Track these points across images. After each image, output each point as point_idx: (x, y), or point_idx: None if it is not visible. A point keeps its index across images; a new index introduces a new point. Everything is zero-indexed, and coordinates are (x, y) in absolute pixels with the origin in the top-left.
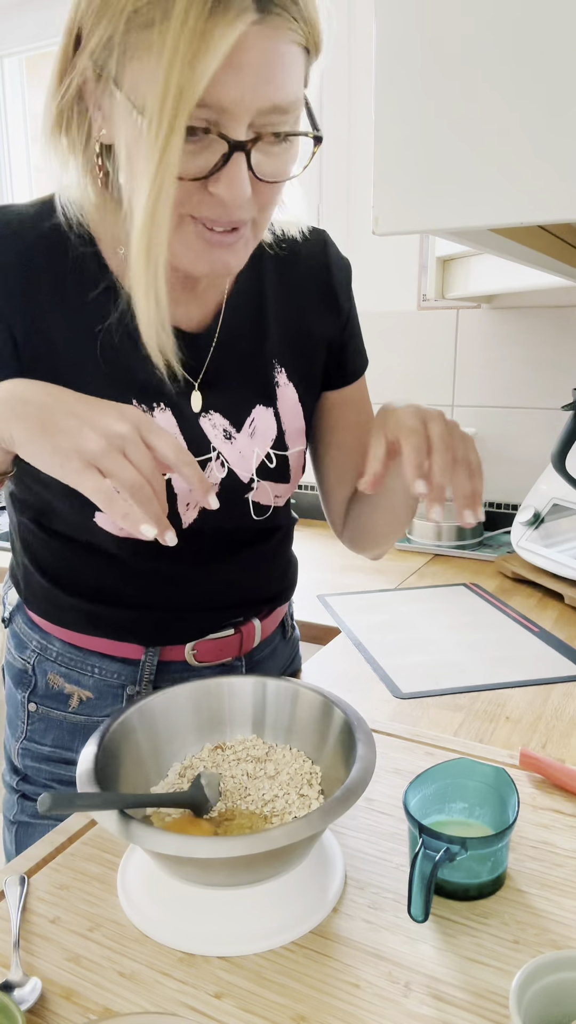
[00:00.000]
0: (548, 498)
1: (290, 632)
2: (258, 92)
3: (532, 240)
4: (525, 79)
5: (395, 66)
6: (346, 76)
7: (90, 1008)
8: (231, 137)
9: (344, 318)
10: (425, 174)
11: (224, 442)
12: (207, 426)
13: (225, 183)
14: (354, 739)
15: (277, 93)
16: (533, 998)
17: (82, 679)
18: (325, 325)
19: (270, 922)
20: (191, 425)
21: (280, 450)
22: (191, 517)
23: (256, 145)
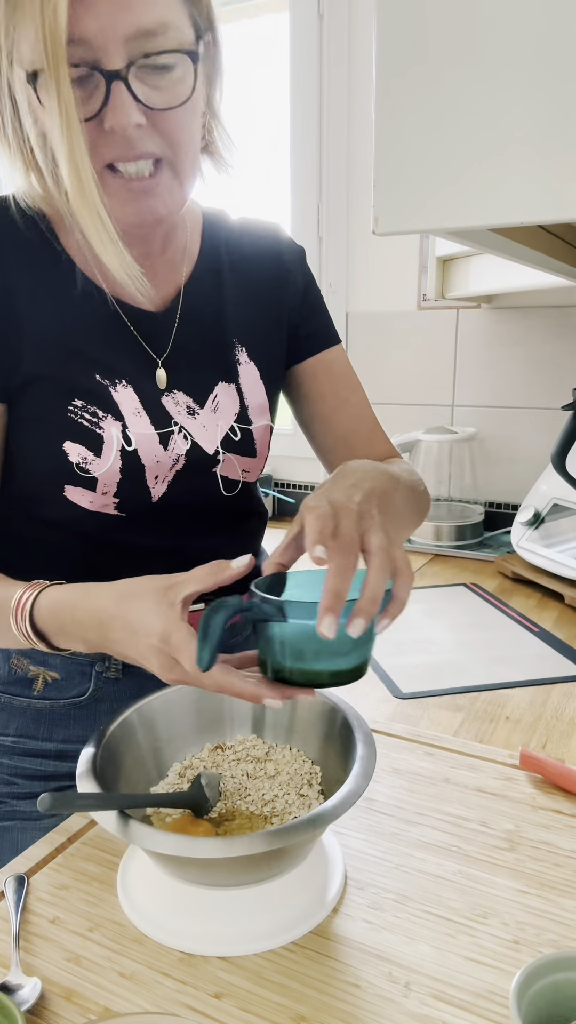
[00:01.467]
0: (548, 498)
1: None
2: (117, 18)
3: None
4: (525, 79)
5: (395, 66)
6: (346, 76)
7: (90, 1008)
8: (105, 68)
9: (299, 295)
10: (425, 174)
11: (188, 418)
12: (169, 404)
13: (111, 113)
14: (354, 739)
15: (138, 17)
16: (533, 998)
17: (49, 658)
18: (281, 304)
19: (270, 922)
20: (153, 402)
21: (244, 424)
22: (160, 491)
23: (134, 73)
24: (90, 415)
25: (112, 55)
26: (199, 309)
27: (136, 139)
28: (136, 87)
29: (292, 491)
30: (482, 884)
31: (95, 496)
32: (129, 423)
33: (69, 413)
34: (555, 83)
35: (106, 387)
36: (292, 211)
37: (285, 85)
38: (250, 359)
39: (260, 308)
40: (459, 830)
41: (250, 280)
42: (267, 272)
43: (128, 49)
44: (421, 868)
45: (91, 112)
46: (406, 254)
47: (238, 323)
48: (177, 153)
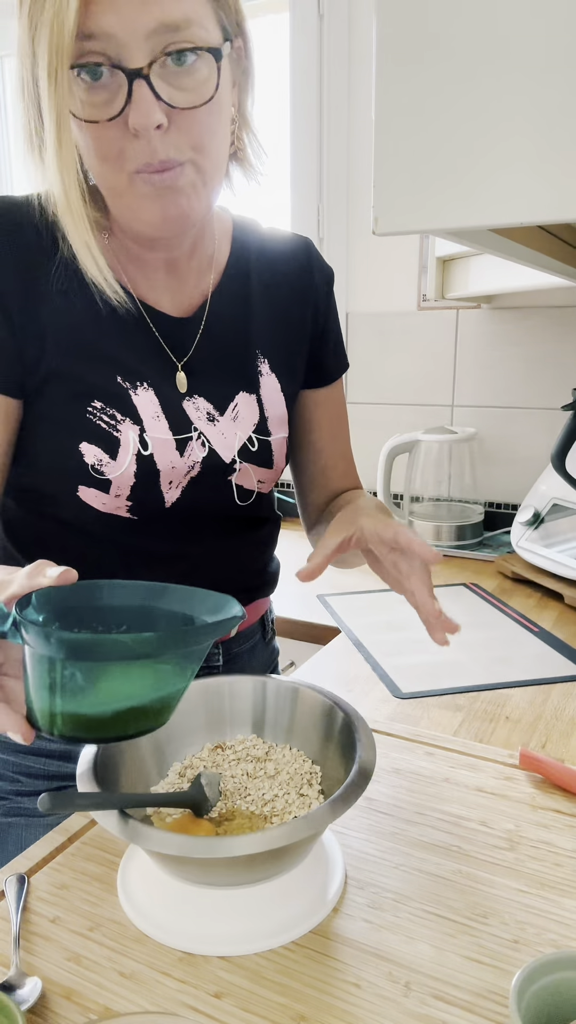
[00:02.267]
0: (548, 498)
1: (270, 635)
2: (138, 13)
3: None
4: (525, 79)
5: (395, 66)
6: (346, 76)
7: (90, 1008)
8: (126, 66)
9: (323, 320)
10: (425, 174)
11: (207, 424)
12: (190, 409)
13: (133, 111)
14: (354, 739)
15: (160, 11)
16: (533, 998)
17: None
18: (305, 324)
19: (270, 922)
20: (173, 406)
21: (263, 435)
22: (174, 496)
23: (156, 71)
24: (108, 417)
25: (134, 52)
26: (224, 317)
27: (159, 143)
28: (158, 86)
29: (291, 491)
30: (482, 884)
31: (108, 498)
32: (147, 427)
33: (87, 414)
34: (555, 83)
35: (126, 390)
36: (292, 211)
37: (285, 85)
38: (271, 371)
39: (285, 323)
40: (459, 830)
41: (277, 294)
42: (295, 289)
43: (150, 45)
44: (421, 868)
45: (114, 112)
46: (406, 254)
47: (262, 334)
48: (201, 154)
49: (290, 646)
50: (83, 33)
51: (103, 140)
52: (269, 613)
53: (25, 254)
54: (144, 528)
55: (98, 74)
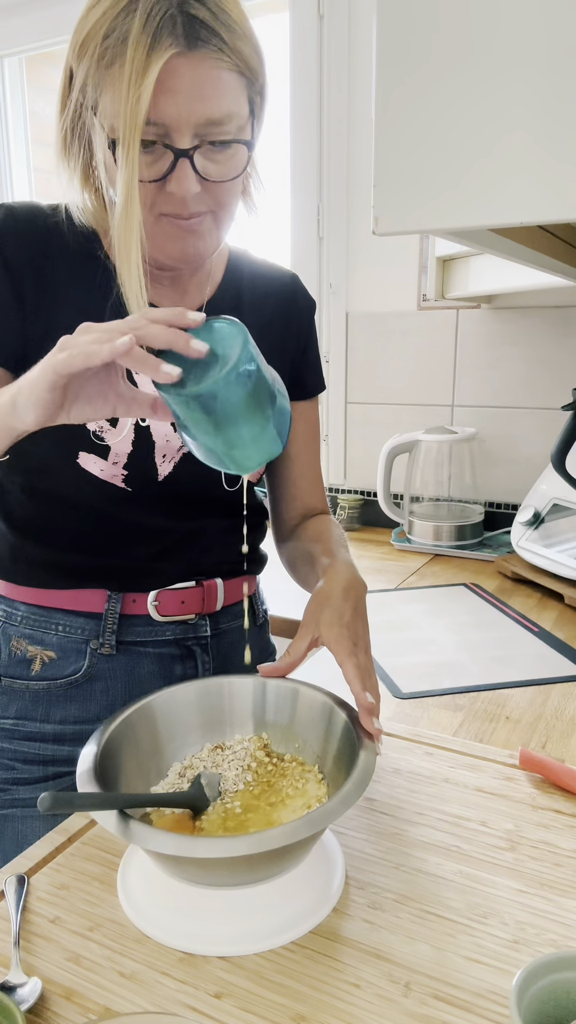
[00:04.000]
0: (548, 498)
1: (261, 620)
2: (192, 109)
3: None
4: (525, 80)
5: (395, 66)
6: (346, 76)
7: (90, 1008)
8: (175, 146)
9: (304, 340)
10: (425, 174)
11: None
12: None
13: (175, 183)
14: (354, 739)
15: (210, 108)
16: (533, 998)
17: (46, 638)
18: (288, 341)
19: (270, 922)
20: None
21: None
22: (167, 470)
23: (198, 152)
24: None
25: (184, 136)
26: None
27: (190, 202)
28: (198, 162)
29: None
30: (482, 884)
31: (106, 465)
32: None
33: None
34: (555, 83)
35: (128, 371)
36: (292, 211)
37: (285, 85)
38: None
39: (270, 336)
40: (459, 830)
41: (263, 312)
42: (279, 311)
43: (197, 132)
44: (421, 868)
45: (157, 176)
46: (406, 254)
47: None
48: (221, 209)
49: None
50: (147, 119)
51: (144, 191)
52: (259, 596)
53: (48, 255)
54: (136, 500)
55: (149, 145)
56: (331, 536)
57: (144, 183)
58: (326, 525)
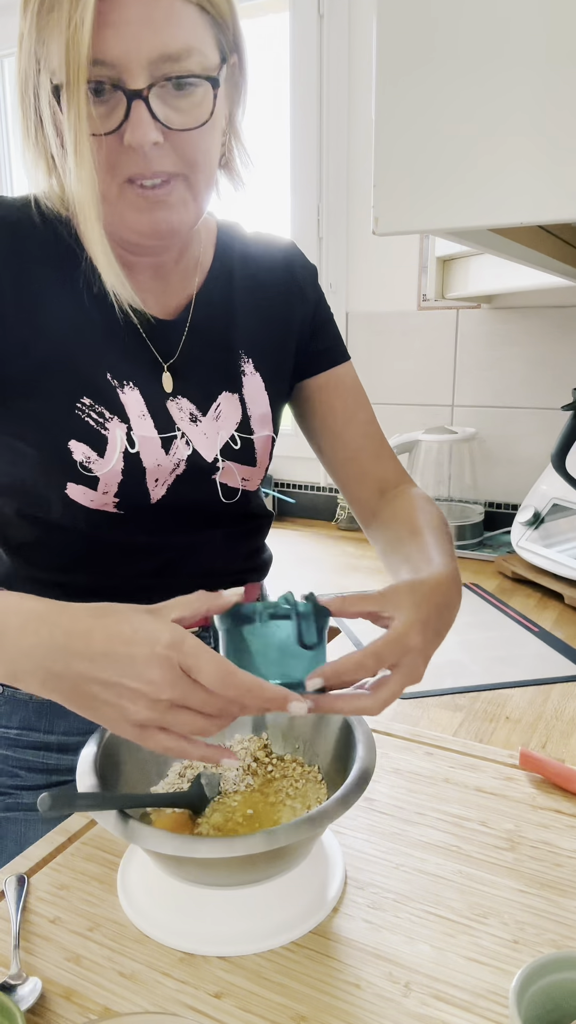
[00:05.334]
0: (548, 498)
1: None
2: (142, 42)
3: (532, 240)
4: (525, 79)
5: (395, 66)
6: (346, 76)
7: (90, 1008)
8: (127, 87)
9: (311, 308)
10: (425, 174)
11: (189, 424)
12: (173, 409)
13: (130, 130)
14: (354, 739)
15: (164, 41)
16: (533, 998)
17: None
18: (291, 319)
19: (270, 922)
20: (159, 406)
21: (245, 433)
22: (159, 493)
23: (155, 93)
24: (97, 415)
25: (135, 75)
26: (208, 318)
27: (153, 157)
28: (156, 107)
29: (292, 491)
30: (482, 884)
31: (96, 495)
32: (134, 425)
33: (76, 411)
34: (555, 83)
35: (114, 388)
36: (292, 211)
37: (285, 85)
38: (256, 370)
39: (269, 321)
40: (459, 830)
41: (261, 293)
42: (278, 287)
43: (151, 71)
44: (421, 868)
45: (111, 127)
46: (406, 254)
47: (246, 334)
48: (193, 170)
49: None
50: (92, 58)
51: (99, 150)
52: (264, 599)
53: (20, 253)
54: (130, 522)
55: (101, 91)
56: (424, 525)
57: (99, 138)
58: (411, 504)
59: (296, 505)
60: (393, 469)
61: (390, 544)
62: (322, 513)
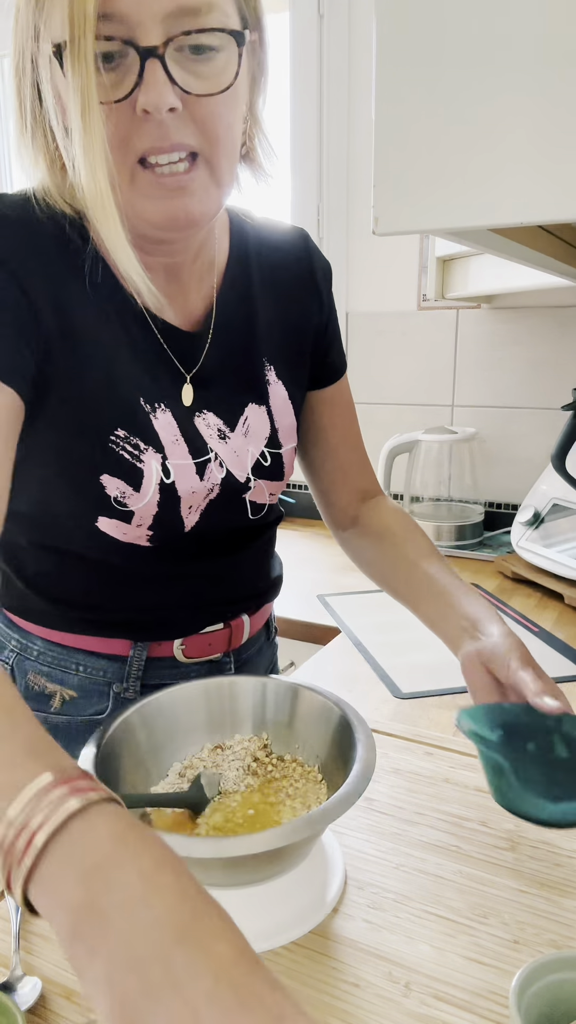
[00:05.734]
0: (548, 498)
1: (273, 633)
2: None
3: (532, 240)
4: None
5: (395, 66)
6: (346, 76)
7: (90, 1008)
8: (140, 44)
9: (326, 317)
10: (425, 174)
11: (219, 442)
12: (201, 426)
13: (144, 92)
14: (354, 739)
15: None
16: (533, 998)
17: (66, 677)
18: (307, 323)
19: (270, 922)
20: (188, 425)
21: (274, 448)
22: (193, 520)
23: (172, 53)
24: (132, 447)
25: (149, 30)
26: (231, 325)
27: (170, 126)
28: (173, 69)
29: (292, 491)
30: (482, 884)
31: (129, 528)
32: (169, 453)
33: (110, 444)
34: (555, 83)
35: (147, 414)
36: (292, 211)
37: (285, 85)
38: (279, 378)
39: (288, 325)
40: (459, 830)
41: (279, 294)
42: (296, 287)
43: (167, 26)
44: (421, 868)
45: (123, 93)
46: (406, 254)
47: (268, 340)
48: (215, 149)
49: (290, 646)
50: (99, 13)
51: (108, 124)
52: (272, 617)
53: (41, 258)
54: (161, 553)
55: (110, 54)
56: (427, 550)
57: (108, 107)
58: (405, 523)
59: (296, 505)
60: (373, 480)
61: (390, 560)
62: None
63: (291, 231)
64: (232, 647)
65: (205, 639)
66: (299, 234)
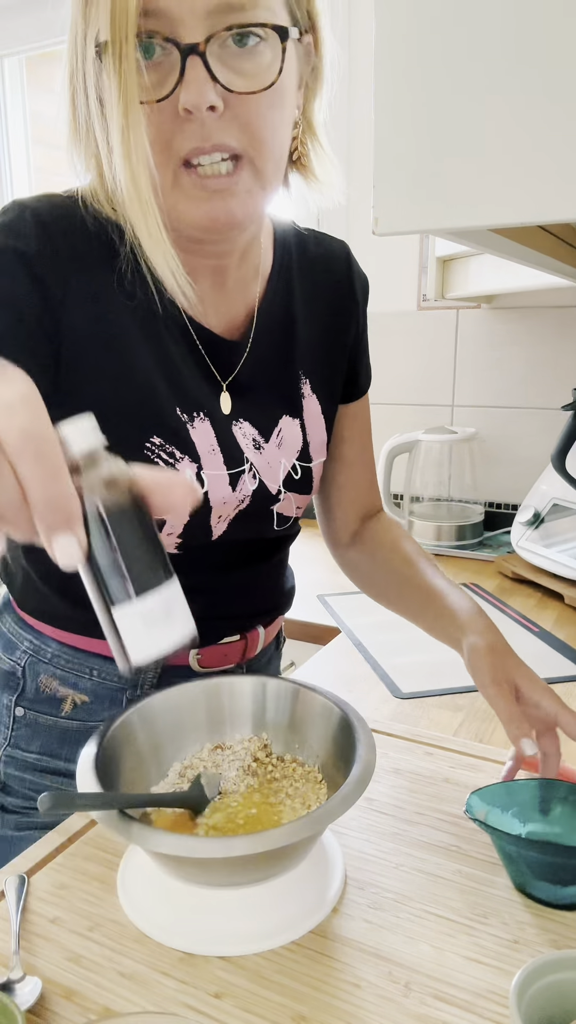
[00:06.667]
0: (548, 498)
1: (282, 642)
2: None
3: (532, 240)
4: (525, 78)
5: (395, 66)
6: (346, 76)
7: (90, 1008)
8: (181, 41)
9: (360, 332)
10: (425, 174)
11: (254, 452)
12: (238, 435)
13: (185, 90)
14: (354, 739)
15: None
16: (533, 998)
17: (79, 682)
18: (344, 338)
19: (270, 922)
20: (226, 433)
21: (305, 461)
22: (221, 529)
23: (213, 50)
24: (167, 455)
25: (190, 27)
26: (270, 335)
27: (212, 127)
28: (215, 66)
29: None
30: (482, 884)
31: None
32: (204, 463)
33: (146, 451)
34: (555, 83)
35: (184, 423)
36: (292, 211)
37: None
38: (313, 392)
39: (325, 339)
40: (459, 830)
41: (320, 307)
42: (336, 301)
43: (209, 22)
44: (421, 868)
45: (165, 92)
46: (406, 254)
47: (305, 353)
48: (259, 150)
49: (290, 646)
50: (141, 9)
51: (150, 125)
52: (282, 632)
53: (82, 262)
54: (185, 562)
55: (151, 51)
56: (420, 559)
57: (150, 107)
58: (400, 536)
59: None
60: (377, 497)
61: (387, 573)
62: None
63: (334, 244)
64: (246, 658)
65: (221, 650)
66: (342, 248)
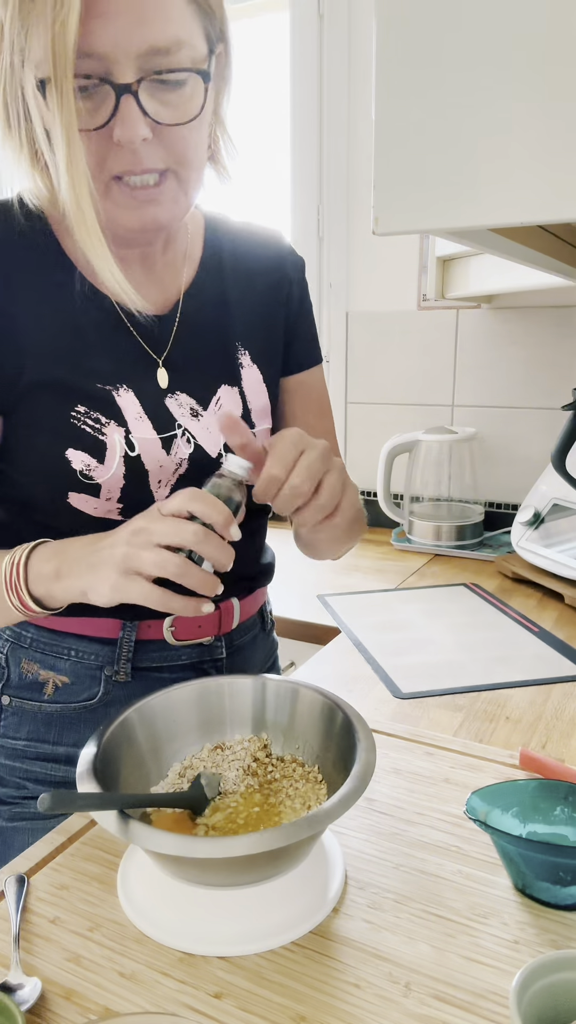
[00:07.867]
0: (548, 498)
1: (270, 625)
2: (131, 34)
3: (532, 240)
4: (525, 78)
5: (395, 66)
6: (346, 76)
7: (90, 1008)
8: (116, 81)
9: (296, 307)
10: (425, 174)
11: (191, 419)
12: (173, 405)
13: (119, 125)
14: (354, 739)
15: (153, 34)
16: (533, 998)
17: (58, 663)
18: (279, 312)
19: (270, 922)
20: (155, 404)
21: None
22: (163, 495)
23: (144, 87)
24: (92, 421)
25: (124, 69)
26: (201, 311)
27: (143, 153)
28: (145, 102)
29: None
30: (482, 884)
31: (99, 502)
32: (132, 428)
33: (71, 419)
34: (555, 83)
35: (108, 391)
36: (292, 211)
37: (285, 85)
38: (253, 362)
39: (262, 313)
40: (459, 830)
41: (252, 285)
42: (269, 278)
43: (140, 64)
44: (421, 868)
45: (100, 123)
46: (406, 254)
47: (241, 326)
48: (183, 165)
49: (290, 646)
50: (78, 51)
51: (87, 147)
52: (267, 604)
53: (5, 264)
54: None
55: (87, 88)
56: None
57: (87, 133)
58: None
59: None
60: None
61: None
62: None
63: (265, 231)
64: (223, 631)
65: (194, 620)
66: (274, 233)
